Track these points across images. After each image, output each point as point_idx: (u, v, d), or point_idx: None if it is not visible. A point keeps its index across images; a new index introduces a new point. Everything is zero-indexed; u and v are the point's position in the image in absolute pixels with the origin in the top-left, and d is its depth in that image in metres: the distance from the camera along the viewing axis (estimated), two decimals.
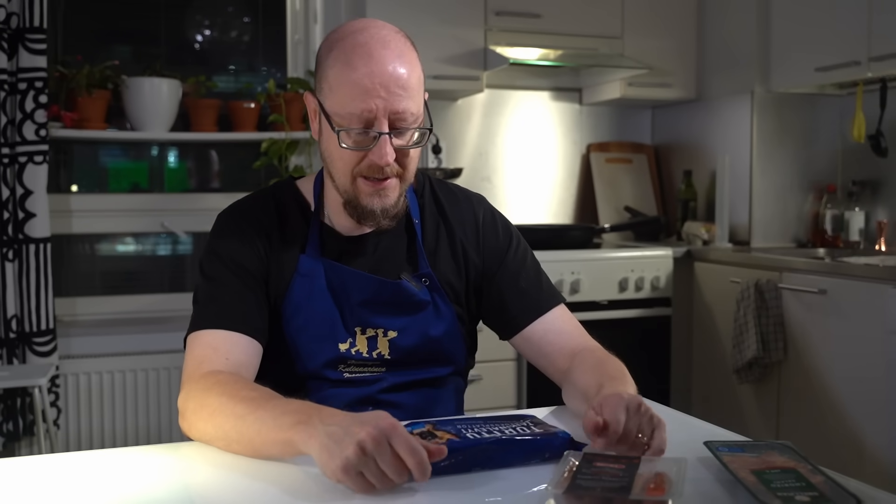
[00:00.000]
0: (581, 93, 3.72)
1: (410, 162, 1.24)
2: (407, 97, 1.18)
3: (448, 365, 1.36)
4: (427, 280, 1.32)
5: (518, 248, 1.41)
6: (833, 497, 0.85)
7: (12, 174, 2.75)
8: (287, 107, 3.10)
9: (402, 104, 1.18)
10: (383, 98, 1.16)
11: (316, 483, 0.96)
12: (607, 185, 3.70)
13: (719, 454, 0.98)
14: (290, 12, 3.34)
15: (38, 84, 2.74)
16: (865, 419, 2.52)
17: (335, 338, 1.28)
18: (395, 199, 1.25)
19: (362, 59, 1.17)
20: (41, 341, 2.79)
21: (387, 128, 1.18)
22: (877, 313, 2.47)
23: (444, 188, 1.42)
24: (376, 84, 1.16)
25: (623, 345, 1.35)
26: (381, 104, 1.17)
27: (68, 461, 1.07)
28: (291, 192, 1.36)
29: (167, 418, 3.04)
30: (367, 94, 1.16)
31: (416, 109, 1.20)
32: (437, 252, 1.35)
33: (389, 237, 1.33)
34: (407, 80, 1.18)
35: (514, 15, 3.19)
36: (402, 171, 1.24)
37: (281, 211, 1.32)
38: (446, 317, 1.33)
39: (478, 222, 1.39)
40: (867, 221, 3.25)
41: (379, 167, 1.20)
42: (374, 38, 1.19)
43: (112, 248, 3.26)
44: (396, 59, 1.18)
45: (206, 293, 1.26)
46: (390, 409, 1.20)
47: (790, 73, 3.20)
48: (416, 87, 1.20)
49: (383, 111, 1.17)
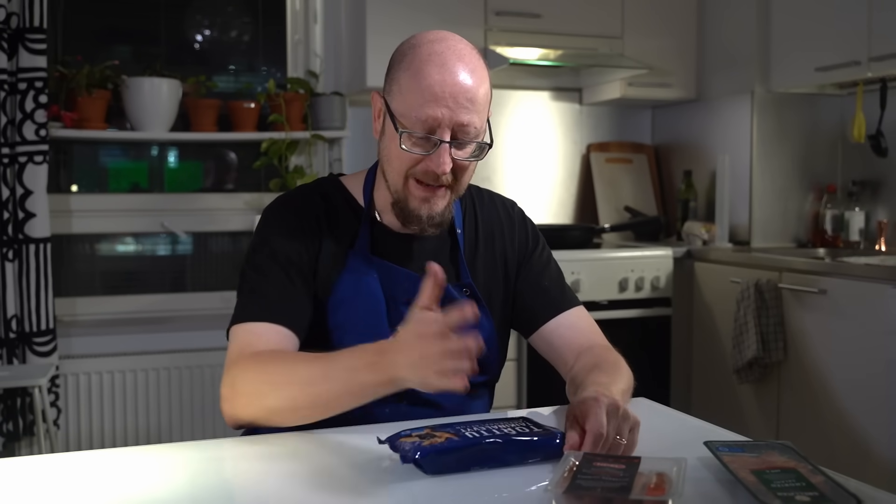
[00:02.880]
0: (581, 93, 3.72)
1: (465, 174, 1.27)
2: (473, 111, 1.22)
3: (483, 374, 1.37)
4: (468, 290, 1.35)
5: (544, 250, 1.46)
6: (833, 497, 0.85)
7: (12, 174, 2.75)
8: (287, 107, 3.10)
9: (467, 117, 1.21)
10: (450, 108, 1.20)
11: (318, 483, 0.96)
12: (607, 185, 3.70)
13: (719, 454, 0.98)
14: (290, 12, 3.34)
15: (38, 84, 2.74)
16: (865, 419, 2.52)
17: (378, 333, 1.28)
18: (443, 208, 1.28)
19: (436, 67, 1.21)
20: (41, 341, 2.79)
21: (448, 137, 1.21)
22: (877, 313, 2.47)
23: (481, 195, 1.46)
24: (446, 93, 1.20)
25: (623, 345, 1.35)
26: (446, 114, 1.20)
27: (68, 461, 1.07)
28: (338, 188, 1.38)
29: (167, 418, 3.04)
30: (436, 102, 1.20)
31: (480, 124, 1.24)
32: (476, 261, 1.39)
33: (434, 241, 1.36)
34: (475, 94, 1.22)
35: (514, 15, 3.19)
36: (455, 183, 1.27)
37: (329, 206, 1.34)
38: (485, 327, 1.35)
39: (513, 223, 1.45)
40: (867, 221, 3.25)
41: (434, 174, 1.23)
42: (451, 49, 1.23)
43: (112, 248, 3.26)
44: (469, 72, 1.22)
45: (252, 286, 1.28)
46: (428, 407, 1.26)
47: (790, 73, 3.20)
48: (482, 103, 1.24)
49: (448, 121, 1.20)
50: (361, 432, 1.14)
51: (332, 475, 1.00)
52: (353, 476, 0.99)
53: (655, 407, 1.32)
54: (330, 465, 1.03)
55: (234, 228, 3.21)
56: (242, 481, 0.98)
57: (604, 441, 1.00)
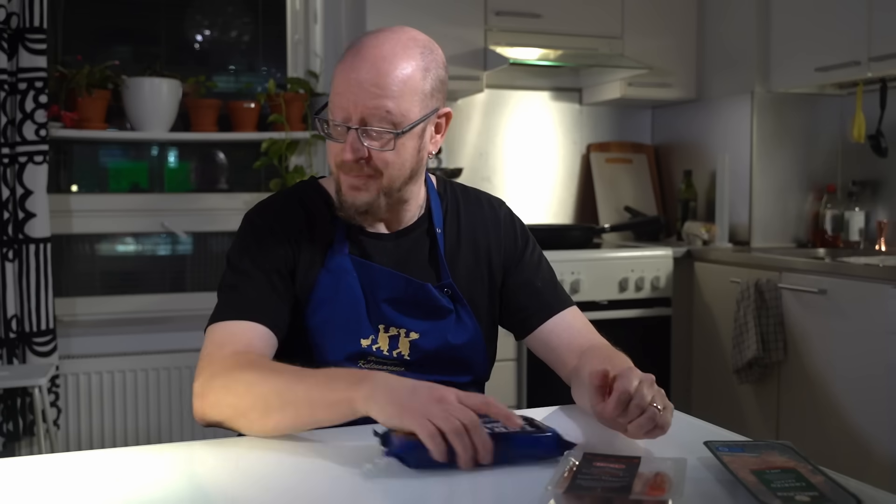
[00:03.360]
0: (581, 93, 3.72)
1: (386, 165, 1.24)
2: (383, 96, 1.20)
3: (468, 374, 1.37)
4: (448, 290, 1.34)
5: (534, 250, 1.44)
6: (833, 497, 0.85)
7: (12, 174, 2.75)
8: (287, 107, 3.10)
9: (375, 101, 1.19)
10: (356, 94, 1.20)
11: (318, 482, 0.96)
12: (607, 185, 3.70)
13: (719, 454, 0.98)
14: (290, 12, 3.34)
15: (38, 84, 2.74)
16: (865, 419, 2.52)
17: (358, 332, 1.29)
18: (369, 198, 1.26)
19: (351, 53, 1.23)
20: (41, 341, 2.79)
21: (356, 123, 1.21)
22: (877, 313, 2.47)
23: (466, 193, 1.44)
24: (352, 79, 1.20)
25: (623, 345, 1.35)
26: (352, 100, 1.20)
27: (68, 461, 1.07)
28: (316, 190, 1.38)
29: (167, 418, 3.04)
30: (345, 87, 1.20)
31: (398, 109, 1.21)
32: (458, 261, 1.37)
33: (412, 240, 1.35)
34: (388, 80, 1.20)
35: (514, 15, 3.19)
36: (379, 173, 1.24)
37: (308, 209, 1.34)
38: (468, 327, 1.35)
39: (499, 222, 1.42)
40: (867, 221, 3.25)
41: (344, 162, 1.23)
42: (374, 37, 1.23)
43: (112, 248, 3.26)
44: (380, 60, 1.20)
45: (231, 286, 1.28)
46: None
47: (790, 73, 3.20)
48: (399, 89, 1.20)
49: (354, 106, 1.20)
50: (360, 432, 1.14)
51: (331, 474, 0.99)
52: (352, 476, 0.99)
53: None
54: (329, 465, 1.03)
55: (234, 228, 3.18)
56: (242, 481, 0.98)
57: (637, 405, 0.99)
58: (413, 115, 1.23)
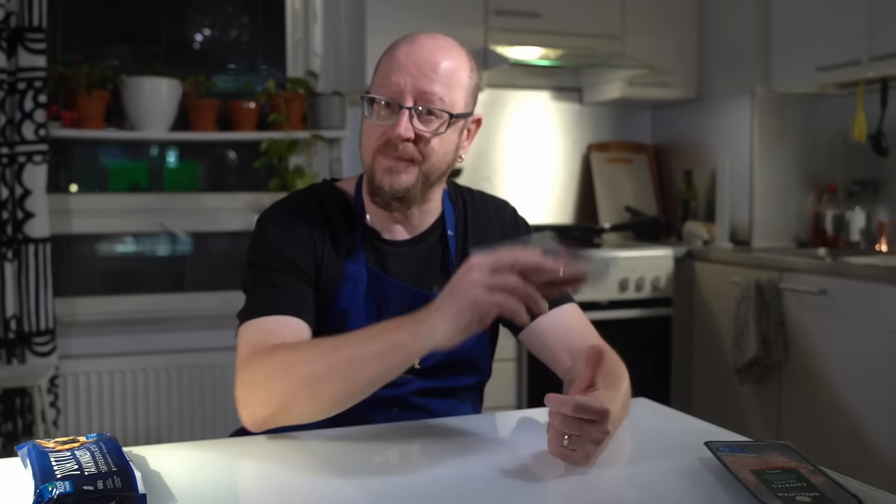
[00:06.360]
0: (581, 93, 3.72)
1: (431, 152, 1.24)
2: (438, 81, 1.21)
3: (475, 374, 1.37)
4: None
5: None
6: (834, 497, 0.85)
7: (11, 174, 2.75)
8: (287, 106, 3.10)
9: (430, 86, 1.21)
10: (412, 75, 1.20)
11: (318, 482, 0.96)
12: (607, 185, 3.70)
13: (720, 454, 0.98)
14: (290, 12, 3.34)
15: (38, 84, 2.74)
16: (866, 419, 2.52)
17: None
18: (408, 183, 1.25)
19: (405, 41, 1.25)
20: (41, 341, 2.79)
21: (410, 103, 1.21)
22: (878, 313, 2.47)
23: (472, 196, 1.45)
24: (409, 62, 1.21)
25: (623, 345, 1.34)
26: (408, 80, 1.21)
27: None
28: (334, 194, 1.36)
29: (167, 418, 3.03)
30: (399, 69, 1.21)
31: (448, 98, 1.22)
32: None
33: (426, 246, 1.35)
34: (442, 67, 1.22)
35: (514, 15, 3.19)
36: (421, 159, 1.24)
37: (327, 213, 1.32)
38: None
39: (504, 222, 1.43)
40: (868, 221, 3.25)
41: (394, 142, 1.22)
42: (425, 33, 1.25)
43: (112, 248, 3.25)
44: (437, 49, 1.23)
45: (258, 283, 1.25)
46: (419, 412, 1.24)
47: (791, 73, 3.20)
48: (450, 76, 1.23)
49: (410, 87, 1.21)
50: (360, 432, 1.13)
51: (330, 474, 1.00)
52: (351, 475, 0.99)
53: (656, 407, 1.32)
54: (328, 465, 1.03)
55: (234, 228, 3.21)
56: (242, 481, 0.98)
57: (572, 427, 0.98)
58: (459, 107, 1.25)
